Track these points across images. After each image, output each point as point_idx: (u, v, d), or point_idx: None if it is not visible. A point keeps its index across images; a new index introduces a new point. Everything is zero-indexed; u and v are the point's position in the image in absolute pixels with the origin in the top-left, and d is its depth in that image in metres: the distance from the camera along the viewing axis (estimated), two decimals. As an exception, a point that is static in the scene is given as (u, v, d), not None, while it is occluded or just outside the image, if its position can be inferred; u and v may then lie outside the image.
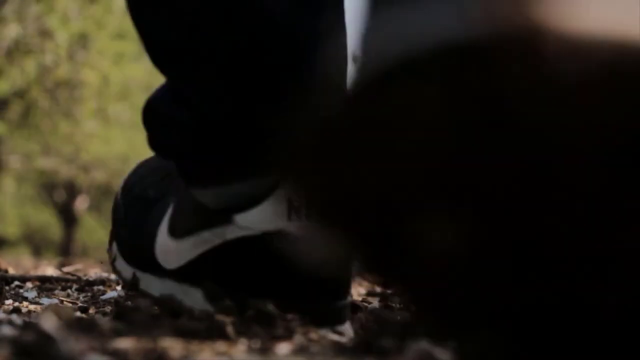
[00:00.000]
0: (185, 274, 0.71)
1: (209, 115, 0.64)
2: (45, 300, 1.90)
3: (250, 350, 1.15)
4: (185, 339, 1.20)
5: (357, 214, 0.35)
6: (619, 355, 0.34)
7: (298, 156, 0.34)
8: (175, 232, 0.70)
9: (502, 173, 0.32)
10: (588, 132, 0.31)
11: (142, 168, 0.81)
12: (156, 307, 1.15)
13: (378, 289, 3.22)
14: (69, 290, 2.03)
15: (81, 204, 13.88)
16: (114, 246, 0.82)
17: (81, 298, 1.94)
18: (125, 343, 1.13)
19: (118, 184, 0.98)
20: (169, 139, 0.68)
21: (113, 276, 2.19)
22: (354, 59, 0.35)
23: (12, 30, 6.69)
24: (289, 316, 1.36)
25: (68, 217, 13.84)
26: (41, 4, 6.66)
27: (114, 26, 7.33)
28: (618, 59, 0.29)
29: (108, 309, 1.61)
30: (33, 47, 6.88)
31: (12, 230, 20.08)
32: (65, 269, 2.52)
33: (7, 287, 2.04)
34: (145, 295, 0.82)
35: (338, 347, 1.17)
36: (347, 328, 0.77)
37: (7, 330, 1.16)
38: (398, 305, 1.95)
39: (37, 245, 25.06)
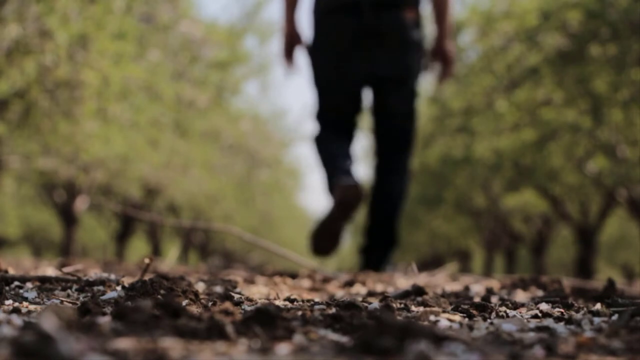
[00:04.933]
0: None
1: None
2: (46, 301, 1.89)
3: (250, 350, 1.15)
4: (185, 339, 1.20)
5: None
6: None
7: None
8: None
9: None
10: None
11: None
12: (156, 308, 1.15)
13: (378, 289, 3.22)
14: (69, 291, 2.04)
15: (81, 204, 13.87)
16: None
17: (81, 298, 1.94)
18: (125, 343, 1.13)
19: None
20: None
21: (113, 276, 2.19)
22: None
23: (12, 30, 6.69)
24: (289, 316, 1.36)
25: (68, 217, 13.83)
26: (41, 4, 6.65)
27: (114, 26, 7.33)
28: None
29: (108, 309, 1.61)
30: (33, 47, 6.88)
31: (12, 230, 20.08)
32: (65, 269, 2.53)
33: (7, 287, 2.03)
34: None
35: (338, 347, 1.17)
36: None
37: (7, 330, 1.16)
38: (398, 306, 1.95)
39: (37, 245, 25.05)
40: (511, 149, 10.51)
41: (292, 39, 4.10)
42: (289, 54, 4.14)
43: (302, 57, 3.92)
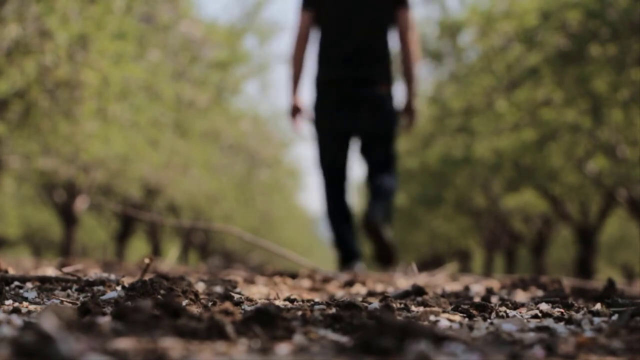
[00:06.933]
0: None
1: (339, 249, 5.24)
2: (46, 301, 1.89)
3: (250, 350, 1.15)
4: (185, 339, 1.20)
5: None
6: None
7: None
8: None
9: None
10: None
11: None
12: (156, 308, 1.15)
13: (378, 289, 3.22)
14: (69, 291, 2.04)
15: (81, 204, 13.87)
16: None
17: (81, 298, 1.94)
18: (125, 343, 1.13)
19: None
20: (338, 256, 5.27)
21: (113, 276, 2.19)
22: None
23: (12, 30, 6.69)
24: (289, 316, 1.36)
25: (68, 217, 13.83)
26: (41, 4, 6.65)
27: (114, 26, 7.33)
28: None
29: (108, 309, 1.61)
30: (33, 47, 6.88)
31: (12, 230, 20.09)
32: (65, 269, 2.53)
33: (7, 287, 2.03)
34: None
35: (338, 347, 1.17)
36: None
37: (7, 330, 1.16)
38: (398, 306, 1.95)
39: (37, 245, 25.05)
40: (511, 149, 10.51)
41: (295, 108, 5.38)
42: (294, 118, 5.42)
43: (303, 121, 5.46)
